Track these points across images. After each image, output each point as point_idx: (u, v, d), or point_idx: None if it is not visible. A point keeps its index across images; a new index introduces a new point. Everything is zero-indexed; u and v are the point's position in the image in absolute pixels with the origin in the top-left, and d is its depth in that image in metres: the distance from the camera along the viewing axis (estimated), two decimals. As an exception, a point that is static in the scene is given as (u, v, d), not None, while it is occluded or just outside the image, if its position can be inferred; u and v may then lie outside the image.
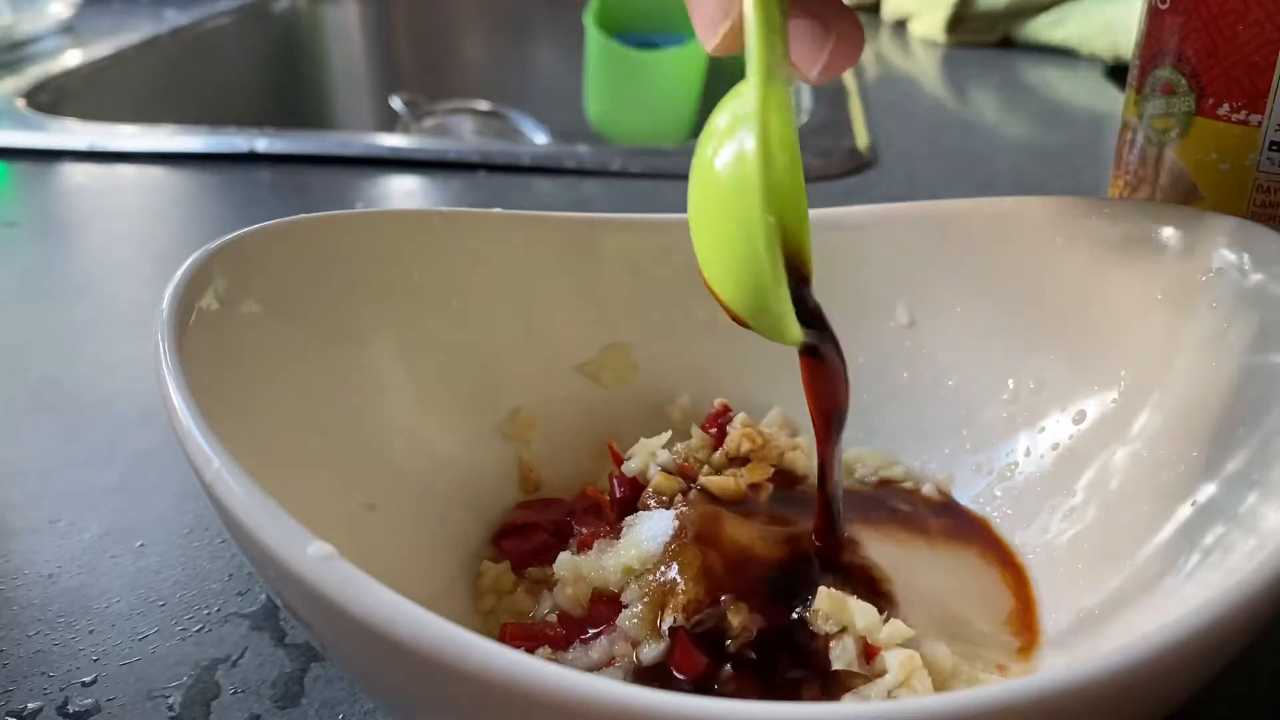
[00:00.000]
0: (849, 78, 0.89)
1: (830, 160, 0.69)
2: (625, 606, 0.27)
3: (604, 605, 0.28)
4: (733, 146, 0.21)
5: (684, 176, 0.24)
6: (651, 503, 0.30)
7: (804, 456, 0.33)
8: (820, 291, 0.37)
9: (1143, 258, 0.30)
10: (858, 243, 0.36)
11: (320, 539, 0.19)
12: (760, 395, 0.37)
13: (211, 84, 1.06)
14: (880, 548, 0.30)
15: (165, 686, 0.29)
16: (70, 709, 0.28)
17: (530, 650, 0.26)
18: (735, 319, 0.24)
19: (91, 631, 0.30)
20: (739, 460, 0.32)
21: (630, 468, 0.32)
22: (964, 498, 0.33)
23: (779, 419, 0.36)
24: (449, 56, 1.25)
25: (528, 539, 0.31)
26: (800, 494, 0.33)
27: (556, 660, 0.26)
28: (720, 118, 0.23)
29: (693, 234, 0.24)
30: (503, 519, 0.32)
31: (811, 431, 0.36)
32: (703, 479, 0.31)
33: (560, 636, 0.27)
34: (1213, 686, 0.20)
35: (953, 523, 0.32)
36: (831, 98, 0.83)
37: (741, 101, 0.22)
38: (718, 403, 0.35)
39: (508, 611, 0.29)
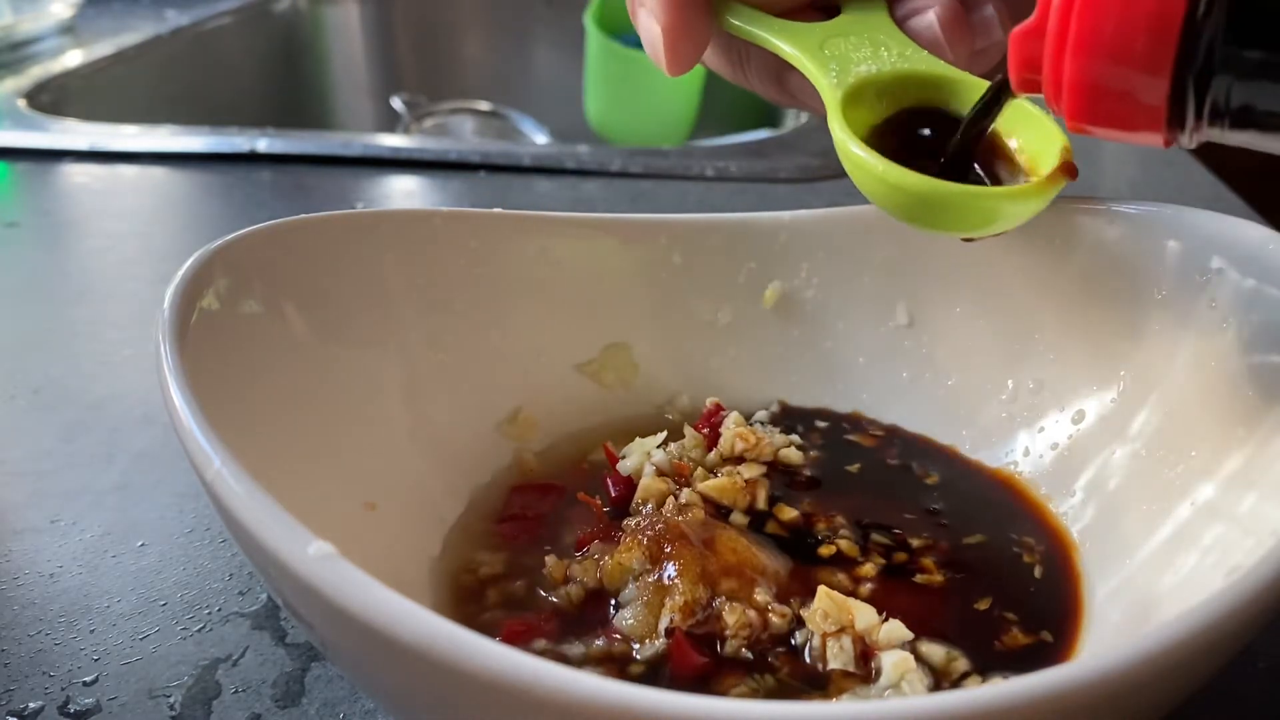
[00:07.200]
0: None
1: (830, 160, 0.69)
2: (622, 606, 0.27)
3: (601, 604, 0.28)
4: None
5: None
6: (644, 508, 0.30)
7: (797, 453, 0.33)
8: (821, 291, 0.37)
9: (1142, 257, 0.30)
10: (858, 243, 0.36)
11: (320, 539, 0.19)
12: (759, 395, 0.37)
13: (212, 84, 1.06)
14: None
15: (166, 686, 0.29)
16: (71, 708, 0.28)
17: (527, 641, 0.27)
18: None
19: (92, 631, 0.31)
20: (734, 459, 0.32)
21: (625, 467, 0.32)
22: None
23: (769, 416, 0.36)
24: (449, 57, 1.25)
25: (526, 527, 0.31)
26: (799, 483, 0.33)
27: (554, 651, 0.26)
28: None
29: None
30: (502, 503, 0.32)
31: (804, 427, 0.36)
32: (699, 485, 0.31)
33: (556, 631, 0.27)
34: (1212, 686, 0.20)
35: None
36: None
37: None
38: (710, 402, 0.35)
39: (505, 601, 0.29)
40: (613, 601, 0.28)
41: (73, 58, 0.92)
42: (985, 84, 0.29)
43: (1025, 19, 0.24)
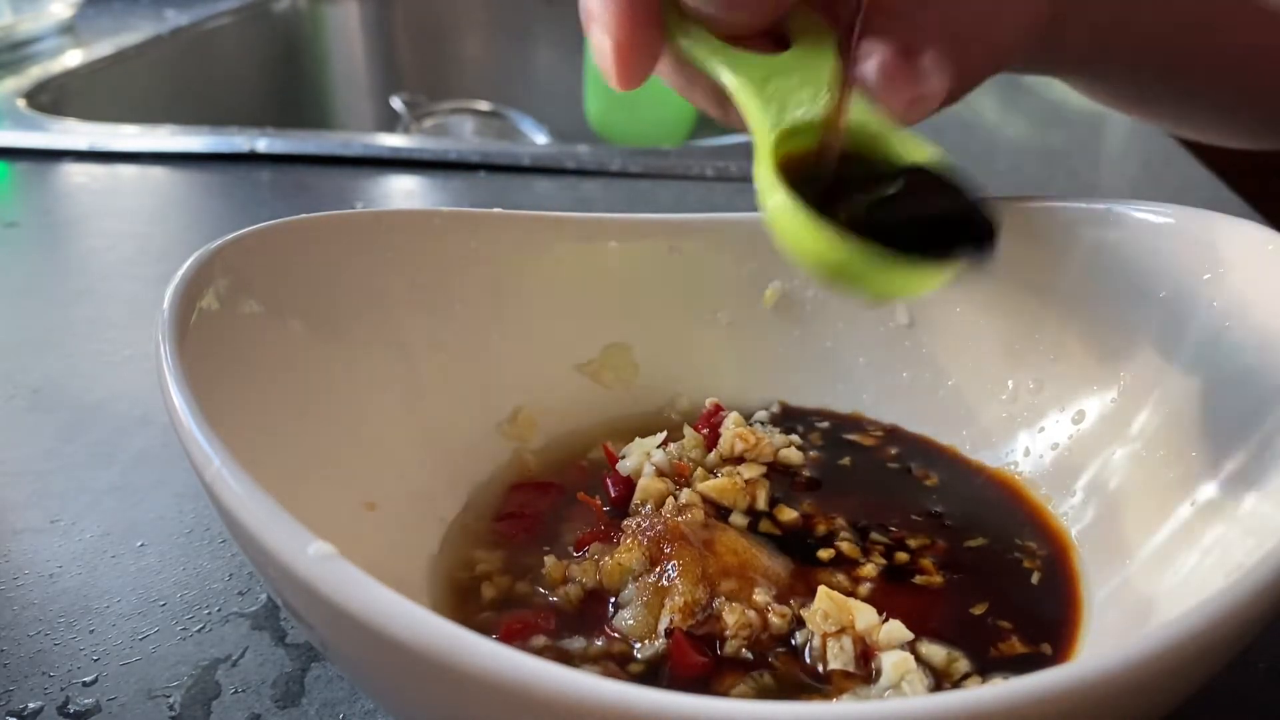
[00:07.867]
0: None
1: (830, 160, 0.69)
2: (622, 607, 0.27)
3: (600, 605, 0.28)
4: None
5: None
6: (644, 508, 0.30)
7: (797, 453, 0.33)
8: (821, 291, 0.37)
9: (1142, 258, 0.30)
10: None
11: (320, 539, 0.19)
12: (759, 395, 0.37)
13: (211, 84, 1.06)
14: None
15: (166, 686, 0.29)
16: (71, 709, 0.28)
17: (525, 638, 0.27)
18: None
19: (92, 631, 0.30)
20: (734, 460, 0.32)
21: (625, 467, 0.32)
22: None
23: (769, 416, 0.36)
24: (449, 56, 1.25)
25: (525, 525, 0.31)
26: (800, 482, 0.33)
27: (553, 647, 0.26)
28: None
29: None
30: (500, 501, 0.32)
31: (804, 426, 0.36)
32: (699, 485, 0.31)
33: (555, 629, 0.27)
34: (1212, 686, 0.20)
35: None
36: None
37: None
38: (709, 402, 0.35)
39: (503, 599, 0.29)
40: (612, 602, 0.28)
41: (72, 58, 0.92)
42: (914, 138, 0.28)
43: (968, 65, 0.23)
